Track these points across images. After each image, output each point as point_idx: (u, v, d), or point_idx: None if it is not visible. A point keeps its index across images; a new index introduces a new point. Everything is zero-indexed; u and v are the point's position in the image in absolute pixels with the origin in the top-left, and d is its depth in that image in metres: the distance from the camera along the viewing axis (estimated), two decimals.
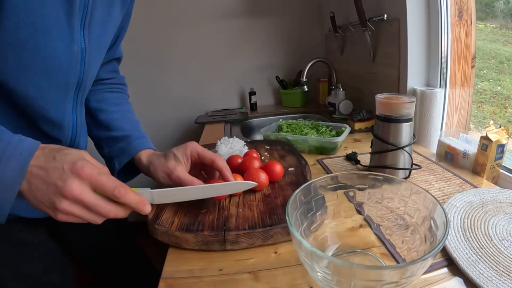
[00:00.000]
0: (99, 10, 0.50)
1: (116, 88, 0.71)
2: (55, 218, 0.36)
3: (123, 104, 0.70)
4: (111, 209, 0.38)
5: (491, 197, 0.58)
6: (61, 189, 0.35)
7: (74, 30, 0.46)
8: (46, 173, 0.36)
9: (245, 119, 1.48)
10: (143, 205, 0.41)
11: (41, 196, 0.35)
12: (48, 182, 0.35)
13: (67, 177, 0.35)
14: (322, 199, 0.47)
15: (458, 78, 0.91)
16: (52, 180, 0.35)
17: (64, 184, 0.35)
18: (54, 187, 0.35)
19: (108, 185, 0.37)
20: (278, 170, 0.65)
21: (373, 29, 1.09)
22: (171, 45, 1.67)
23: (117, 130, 0.63)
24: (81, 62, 0.50)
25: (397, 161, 0.68)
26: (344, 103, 1.31)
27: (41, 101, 0.47)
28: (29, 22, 0.40)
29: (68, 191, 0.35)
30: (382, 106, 0.68)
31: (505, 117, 0.93)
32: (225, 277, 0.44)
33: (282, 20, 1.70)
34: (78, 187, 0.36)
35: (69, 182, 0.35)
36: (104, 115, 0.64)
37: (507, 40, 0.93)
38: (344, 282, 0.32)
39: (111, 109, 0.65)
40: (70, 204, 0.36)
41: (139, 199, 0.40)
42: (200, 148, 0.57)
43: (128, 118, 0.67)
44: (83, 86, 0.54)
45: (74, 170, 0.36)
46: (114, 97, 0.69)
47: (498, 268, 0.41)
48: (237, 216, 0.53)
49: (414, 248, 0.42)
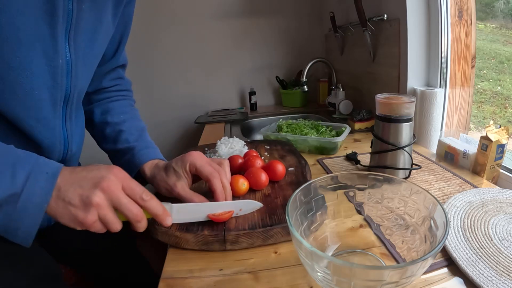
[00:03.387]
0: (86, 17, 0.47)
1: (121, 96, 0.69)
2: (84, 220, 0.37)
3: (128, 112, 0.68)
4: (140, 211, 0.41)
5: (491, 197, 0.58)
6: (99, 182, 0.37)
7: (58, 42, 0.43)
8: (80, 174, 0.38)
9: (245, 119, 1.48)
10: (165, 216, 0.43)
11: (73, 195, 0.37)
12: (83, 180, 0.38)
13: (105, 174, 0.38)
14: (322, 199, 0.47)
15: (458, 78, 0.91)
16: (90, 176, 0.38)
17: (101, 179, 0.38)
18: (90, 183, 0.37)
19: (137, 188, 0.40)
20: (280, 170, 0.65)
21: (373, 29, 1.09)
22: (172, 45, 1.67)
23: (122, 143, 0.62)
24: (67, 75, 0.47)
25: (397, 161, 0.68)
26: (344, 103, 1.31)
27: (30, 121, 0.46)
28: (14, 38, 0.38)
29: (105, 184, 0.37)
30: (382, 106, 0.68)
31: (505, 117, 0.93)
32: (225, 277, 0.44)
33: (282, 20, 1.70)
34: (114, 183, 0.38)
35: (107, 178, 0.38)
36: (109, 129, 0.64)
37: (507, 40, 0.93)
38: (344, 282, 0.32)
39: (116, 121, 0.65)
40: (104, 199, 0.38)
41: (163, 208, 0.43)
42: (199, 162, 0.53)
43: (133, 126, 0.65)
44: (71, 100, 0.51)
45: (110, 170, 0.39)
46: (119, 105, 0.67)
47: (498, 268, 0.41)
48: (237, 216, 0.53)
49: (414, 248, 0.42)
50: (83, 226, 0.38)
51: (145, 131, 0.67)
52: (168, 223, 0.43)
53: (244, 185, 0.59)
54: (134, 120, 0.67)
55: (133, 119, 0.67)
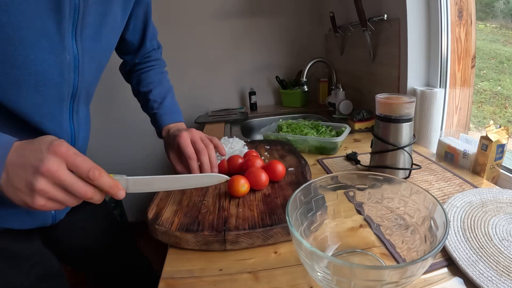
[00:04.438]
0: (93, 12, 0.47)
1: (151, 66, 0.78)
2: (33, 205, 0.36)
3: (155, 80, 0.77)
4: (88, 189, 0.38)
5: (491, 197, 0.58)
6: (38, 167, 0.35)
7: (65, 38, 0.43)
8: (23, 158, 0.35)
9: (245, 119, 1.48)
10: (116, 190, 0.40)
11: (18, 181, 0.35)
12: (25, 165, 0.35)
13: (44, 156, 0.35)
14: (322, 199, 0.47)
15: (458, 78, 0.91)
16: (30, 161, 0.35)
17: (41, 162, 0.35)
18: (31, 168, 0.35)
19: (83, 166, 0.37)
20: (280, 170, 0.65)
21: (373, 29, 1.09)
22: (171, 45, 1.67)
23: (150, 109, 0.75)
24: (74, 70, 0.48)
25: (397, 161, 0.68)
26: (344, 103, 1.31)
27: (37, 117, 0.46)
28: (16, 37, 0.38)
29: (45, 168, 0.35)
30: (382, 106, 0.68)
31: (505, 117, 0.93)
32: (225, 277, 0.44)
33: (282, 20, 1.70)
34: (55, 164, 0.35)
35: (46, 160, 0.35)
36: (141, 97, 0.76)
37: (507, 40, 0.93)
38: (344, 282, 0.32)
39: (145, 90, 0.75)
40: (47, 183, 0.35)
41: (112, 183, 0.40)
42: (182, 143, 0.61)
43: (158, 94, 0.75)
44: (78, 95, 0.52)
45: (51, 149, 0.36)
46: (148, 76, 0.77)
47: (498, 268, 0.41)
48: (237, 216, 0.53)
49: (414, 248, 0.42)
50: (35, 209, 0.37)
51: (168, 96, 0.77)
52: (120, 196, 0.41)
53: (244, 187, 0.59)
54: (160, 87, 0.76)
55: (158, 86, 0.76)
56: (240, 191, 0.59)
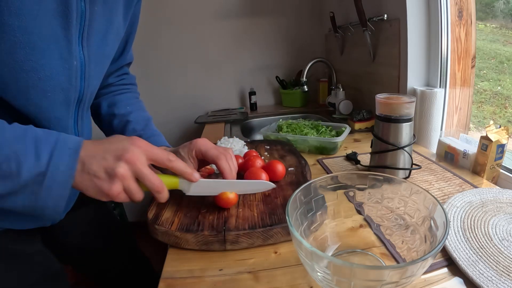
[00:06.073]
0: (98, 18, 0.47)
1: (126, 89, 0.72)
2: (109, 191, 0.38)
3: (134, 103, 0.71)
4: (160, 183, 0.43)
5: (491, 197, 0.58)
6: (122, 155, 0.38)
7: (72, 43, 0.44)
8: (102, 149, 0.39)
9: (245, 119, 1.48)
10: (192, 172, 0.46)
11: (97, 168, 0.38)
12: (106, 152, 0.39)
13: (128, 146, 0.39)
14: (322, 199, 0.47)
15: (458, 78, 0.91)
16: (112, 149, 0.39)
17: (124, 151, 0.39)
18: (113, 156, 0.38)
19: (162, 154, 0.43)
20: (280, 170, 0.65)
21: (373, 29, 1.09)
22: (171, 45, 1.67)
23: (130, 133, 0.65)
24: (81, 77, 0.48)
25: (397, 161, 0.68)
26: (344, 103, 1.31)
27: (44, 122, 0.46)
28: (27, 42, 0.38)
29: (128, 156, 0.39)
30: (382, 106, 0.68)
31: (505, 117, 0.93)
32: (225, 277, 0.44)
33: (282, 20, 1.70)
34: (138, 154, 0.40)
35: (130, 149, 0.39)
36: (117, 120, 0.67)
37: (507, 40, 0.93)
38: (344, 282, 0.32)
39: (123, 112, 0.67)
40: (128, 170, 0.39)
41: (188, 166, 0.45)
42: (204, 147, 0.55)
43: (139, 117, 0.68)
44: (84, 100, 0.52)
45: (132, 141, 0.40)
46: (125, 98, 0.70)
47: (498, 268, 0.41)
48: (237, 216, 0.53)
49: (414, 248, 0.42)
50: (109, 198, 0.39)
51: (151, 121, 0.70)
52: (195, 179, 0.47)
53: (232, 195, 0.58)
54: (140, 111, 0.70)
55: (138, 110, 0.70)
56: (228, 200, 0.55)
